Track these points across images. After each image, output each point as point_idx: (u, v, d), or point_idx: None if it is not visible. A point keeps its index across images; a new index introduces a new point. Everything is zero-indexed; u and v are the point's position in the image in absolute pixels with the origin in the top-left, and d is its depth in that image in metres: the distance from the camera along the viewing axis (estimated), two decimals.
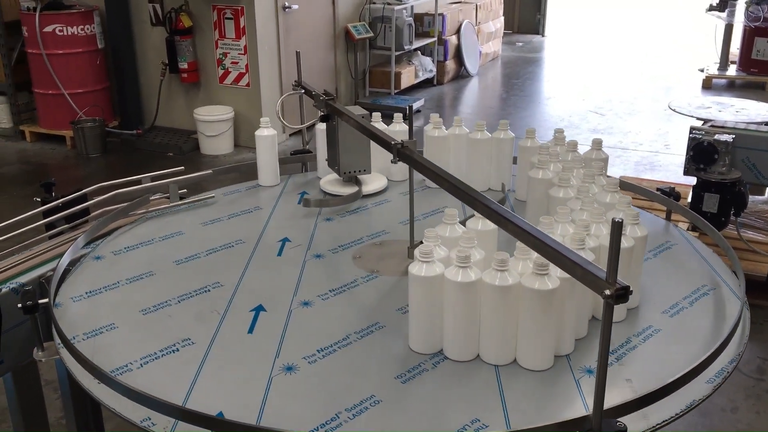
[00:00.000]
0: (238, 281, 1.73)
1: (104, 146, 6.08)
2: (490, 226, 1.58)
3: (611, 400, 1.16)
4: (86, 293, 1.65)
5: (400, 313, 1.61)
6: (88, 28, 6.18)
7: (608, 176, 1.93)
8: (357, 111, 2.18)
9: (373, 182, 2.38)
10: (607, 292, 1.06)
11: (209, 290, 1.69)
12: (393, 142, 1.75)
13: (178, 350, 1.45)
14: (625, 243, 1.51)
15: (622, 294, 1.06)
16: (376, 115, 2.36)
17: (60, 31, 6.05)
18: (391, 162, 1.77)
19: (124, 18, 6.30)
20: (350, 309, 1.65)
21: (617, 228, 1.04)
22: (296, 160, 2.63)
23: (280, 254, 1.88)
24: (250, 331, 1.53)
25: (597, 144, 2.10)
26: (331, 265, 1.85)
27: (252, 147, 2.36)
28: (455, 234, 1.56)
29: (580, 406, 1.31)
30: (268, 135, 2.38)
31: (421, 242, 1.48)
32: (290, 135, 6.37)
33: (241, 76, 6.18)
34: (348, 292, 1.71)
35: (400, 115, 2.45)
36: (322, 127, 2.37)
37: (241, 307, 1.63)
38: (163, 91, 6.37)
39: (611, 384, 1.22)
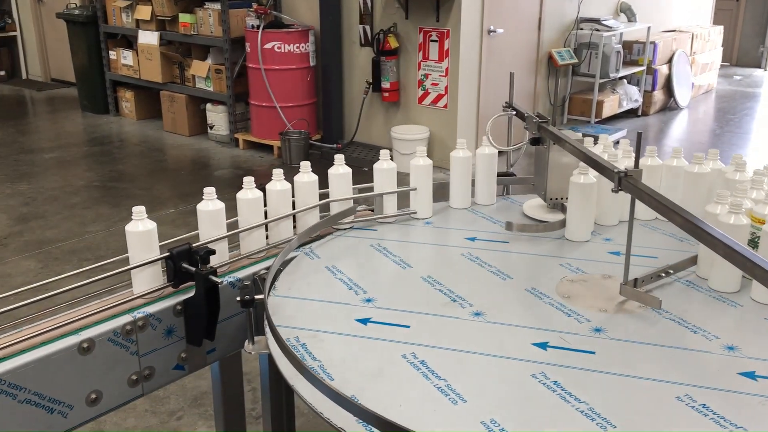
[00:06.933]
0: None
1: (306, 157, 6.42)
2: None
3: None
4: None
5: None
6: (303, 47, 6.59)
7: None
8: (572, 135, 2.08)
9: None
10: None
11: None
12: (615, 170, 1.64)
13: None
14: None
15: None
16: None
17: (278, 48, 6.52)
18: (612, 191, 1.66)
19: (337, 38, 6.65)
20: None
21: None
22: (497, 183, 2.57)
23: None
24: None
25: None
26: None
27: (445, 167, 2.30)
28: None
29: None
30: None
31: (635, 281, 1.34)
32: None
33: (439, 97, 6.26)
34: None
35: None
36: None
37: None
38: (364, 109, 6.63)
39: None
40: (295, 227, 1.97)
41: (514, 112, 2.39)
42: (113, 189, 5.94)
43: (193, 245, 1.63)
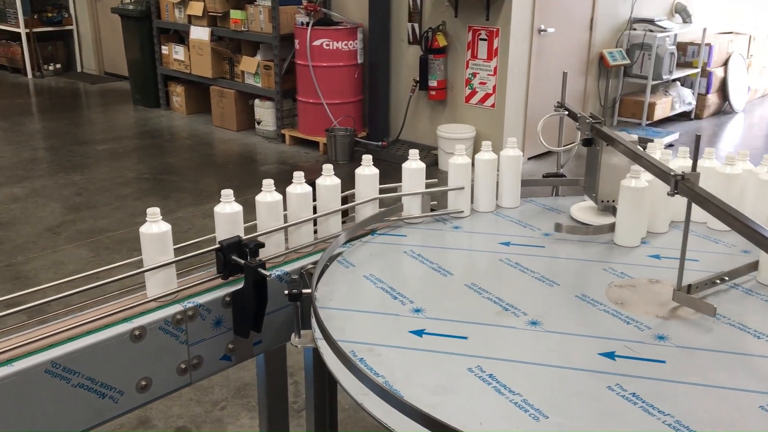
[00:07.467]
0: None
1: (351, 154, 6.45)
2: None
3: None
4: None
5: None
6: (351, 44, 6.62)
7: None
8: (626, 137, 2.03)
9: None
10: None
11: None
12: (672, 173, 1.59)
13: None
14: None
15: None
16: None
17: (327, 45, 6.55)
18: (668, 194, 1.62)
19: (385, 35, 6.65)
20: None
21: None
22: (547, 183, 2.54)
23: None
24: None
25: None
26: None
27: None
28: None
29: None
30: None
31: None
32: (528, 158, 6.26)
33: (487, 96, 6.21)
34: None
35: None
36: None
37: None
38: (410, 107, 6.62)
39: None
40: (315, 231, 1.95)
41: (566, 112, 2.35)
42: (163, 181, 6.06)
43: (243, 238, 1.65)
